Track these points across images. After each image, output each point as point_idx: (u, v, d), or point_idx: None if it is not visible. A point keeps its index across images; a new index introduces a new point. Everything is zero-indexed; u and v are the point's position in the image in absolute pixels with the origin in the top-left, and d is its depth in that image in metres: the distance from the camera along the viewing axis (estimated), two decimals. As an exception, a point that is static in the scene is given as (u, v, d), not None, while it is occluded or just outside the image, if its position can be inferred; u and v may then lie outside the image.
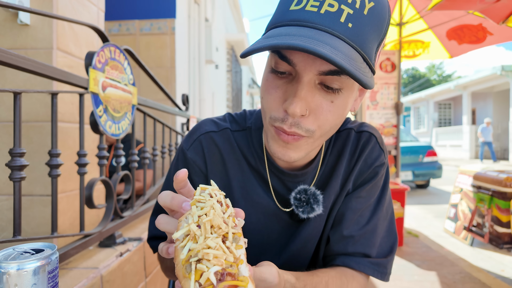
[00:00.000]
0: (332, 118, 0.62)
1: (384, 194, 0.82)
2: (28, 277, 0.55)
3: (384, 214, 0.81)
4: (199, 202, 0.49)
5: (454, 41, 4.39)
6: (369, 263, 0.77)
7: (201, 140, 0.81)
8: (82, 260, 1.26)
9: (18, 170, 0.93)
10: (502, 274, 3.06)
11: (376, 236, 0.79)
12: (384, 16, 0.58)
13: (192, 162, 0.80)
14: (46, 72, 1.02)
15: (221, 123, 0.84)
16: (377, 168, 0.80)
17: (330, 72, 0.57)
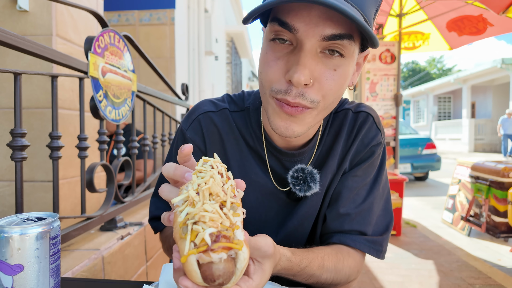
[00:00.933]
0: (336, 87, 0.61)
1: (380, 173, 0.82)
2: (31, 241, 0.56)
3: (380, 193, 0.82)
4: (200, 172, 0.50)
5: (454, 32, 4.37)
6: (365, 241, 0.78)
7: (200, 120, 0.81)
8: (84, 242, 1.28)
9: (20, 150, 0.95)
10: (498, 263, 3.10)
11: (372, 214, 0.80)
12: None
13: (191, 141, 0.81)
14: (46, 55, 1.03)
15: (220, 103, 0.84)
16: (373, 148, 0.80)
17: (333, 36, 0.56)
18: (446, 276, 2.81)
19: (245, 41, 10.25)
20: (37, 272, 0.58)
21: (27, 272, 0.57)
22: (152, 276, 1.70)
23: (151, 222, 0.87)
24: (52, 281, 0.62)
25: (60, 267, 0.64)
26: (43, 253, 0.59)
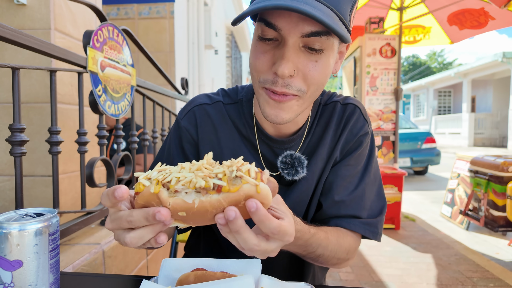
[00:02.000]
0: (319, 77, 0.68)
1: (370, 161, 0.87)
2: (30, 237, 0.57)
3: (372, 180, 0.86)
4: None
5: (455, 26, 4.34)
6: (360, 223, 0.83)
7: (194, 111, 0.87)
8: (84, 236, 1.29)
9: (19, 146, 0.95)
10: (496, 257, 3.12)
11: (365, 200, 0.84)
12: None
13: (185, 130, 0.86)
14: (44, 49, 1.03)
15: (214, 96, 0.90)
16: (361, 138, 0.85)
17: (312, 34, 0.63)
18: (444, 269, 2.83)
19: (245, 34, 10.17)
20: (36, 267, 0.58)
21: (26, 268, 0.57)
22: (152, 270, 1.72)
23: None
24: (52, 277, 0.62)
25: (59, 263, 0.64)
26: (42, 249, 0.59)
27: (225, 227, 0.49)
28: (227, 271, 0.71)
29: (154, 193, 0.47)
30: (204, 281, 0.67)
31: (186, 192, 0.48)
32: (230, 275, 0.68)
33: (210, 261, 0.73)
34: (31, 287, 0.58)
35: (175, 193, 0.48)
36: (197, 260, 0.72)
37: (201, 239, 0.97)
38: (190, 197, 0.47)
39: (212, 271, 0.71)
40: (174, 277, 0.69)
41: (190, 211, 0.48)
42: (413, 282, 2.60)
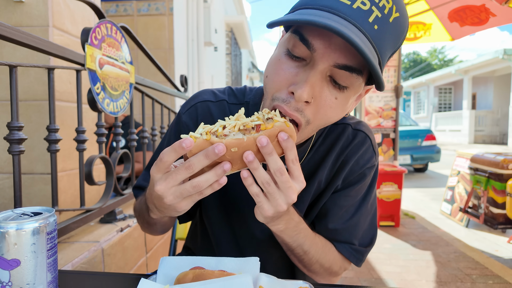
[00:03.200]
0: (331, 114, 0.65)
1: (370, 192, 0.85)
2: (27, 237, 0.56)
3: (368, 209, 0.85)
4: None
5: (456, 23, 4.32)
6: (349, 248, 0.83)
7: (197, 107, 0.85)
8: (83, 234, 1.29)
9: (17, 144, 0.94)
10: (496, 254, 3.12)
11: (358, 229, 0.83)
12: (404, 29, 0.62)
13: (184, 125, 0.85)
14: (42, 47, 1.02)
15: (220, 94, 0.87)
16: (367, 170, 0.83)
17: (345, 67, 0.59)
18: (444, 266, 2.84)
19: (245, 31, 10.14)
20: (34, 266, 0.58)
21: (24, 267, 0.57)
22: (152, 267, 1.72)
23: (135, 190, 0.91)
24: (50, 276, 0.62)
25: (57, 262, 0.64)
26: (39, 248, 0.59)
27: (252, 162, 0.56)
28: (225, 270, 0.71)
29: (207, 140, 0.56)
30: (202, 279, 0.67)
31: (233, 134, 0.57)
32: (229, 273, 0.68)
33: (209, 259, 0.73)
34: (28, 286, 0.58)
35: (224, 136, 0.57)
36: (195, 259, 0.73)
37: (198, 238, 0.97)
38: (239, 135, 0.57)
39: (210, 269, 0.71)
40: (172, 275, 0.69)
41: (241, 145, 0.56)
42: (412, 279, 2.61)
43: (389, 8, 0.57)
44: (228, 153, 0.56)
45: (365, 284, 2.50)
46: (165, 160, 0.56)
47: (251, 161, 0.55)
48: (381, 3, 0.57)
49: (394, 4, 0.58)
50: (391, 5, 0.58)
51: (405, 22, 0.61)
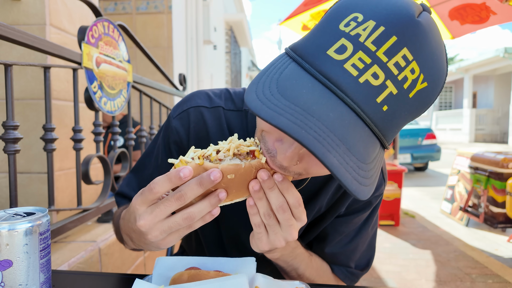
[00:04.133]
0: (322, 171, 0.56)
1: (371, 216, 0.82)
2: (20, 237, 0.56)
3: (369, 233, 0.83)
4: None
5: (456, 21, 4.29)
6: (345, 271, 0.82)
7: (189, 113, 0.77)
8: (80, 234, 1.28)
9: (12, 143, 0.94)
10: (495, 253, 3.12)
11: (356, 252, 0.82)
12: (432, 97, 0.49)
13: (174, 131, 0.77)
14: (38, 45, 1.01)
15: (216, 99, 0.79)
16: (374, 199, 0.78)
17: None
18: (443, 265, 2.83)
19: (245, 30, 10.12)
20: (26, 267, 0.58)
21: (16, 268, 0.57)
22: (150, 267, 1.72)
23: (117, 197, 0.84)
24: (43, 276, 0.61)
25: (50, 262, 0.64)
26: (32, 248, 0.59)
27: (259, 191, 0.53)
28: (221, 270, 0.71)
29: (200, 165, 0.51)
30: (197, 280, 0.66)
31: (228, 159, 0.53)
32: (224, 274, 0.68)
33: (205, 259, 0.72)
34: (21, 287, 0.58)
35: (219, 161, 0.52)
36: (191, 259, 0.72)
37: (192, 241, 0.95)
38: (235, 161, 0.52)
39: (206, 270, 0.70)
40: (167, 275, 0.69)
41: (238, 172, 0.52)
42: (412, 279, 2.61)
43: (412, 80, 0.45)
44: (224, 180, 0.52)
45: (364, 283, 2.50)
46: (156, 191, 0.50)
47: (257, 190, 0.52)
48: (401, 75, 0.44)
49: (423, 73, 0.45)
50: (417, 75, 0.45)
51: (436, 88, 0.48)
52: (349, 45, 0.44)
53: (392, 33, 0.44)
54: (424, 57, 0.45)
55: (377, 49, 0.44)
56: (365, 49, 0.44)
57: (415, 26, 0.44)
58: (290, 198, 0.54)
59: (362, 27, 0.44)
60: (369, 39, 0.44)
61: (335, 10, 0.49)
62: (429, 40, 0.46)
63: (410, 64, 0.44)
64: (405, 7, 0.45)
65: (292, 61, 0.50)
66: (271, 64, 0.52)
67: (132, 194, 0.81)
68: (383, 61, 0.44)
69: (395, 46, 0.44)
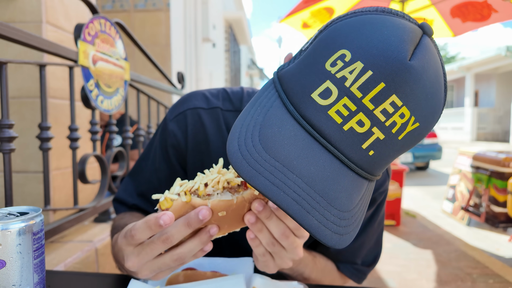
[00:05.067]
0: None
1: (377, 213, 0.80)
2: (12, 237, 0.55)
3: (375, 229, 0.81)
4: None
5: (458, 19, 4.28)
6: (351, 268, 0.81)
7: (186, 115, 0.76)
8: (77, 234, 1.27)
9: (7, 142, 0.92)
10: (497, 253, 3.10)
11: (363, 249, 0.80)
12: (425, 133, 0.47)
13: (172, 134, 0.76)
14: (34, 43, 1.00)
15: (213, 100, 0.77)
16: (378, 195, 0.77)
17: None
18: (444, 265, 2.82)
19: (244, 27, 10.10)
20: (20, 267, 0.57)
21: (10, 268, 0.56)
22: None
23: (115, 203, 0.83)
24: (36, 277, 0.61)
25: (44, 262, 0.63)
26: (25, 248, 0.58)
27: (256, 223, 0.50)
28: (218, 270, 0.70)
29: (187, 202, 0.47)
30: (194, 280, 0.65)
31: (218, 193, 0.49)
32: (221, 274, 0.67)
33: (201, 259, 0.71)
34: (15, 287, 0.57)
35: (207, 196, 0.48)
36: None
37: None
38: (226, 195, 0.49)
39: (202, 270, 0.69)
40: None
41: (230, 208, 0.49)
42: (412, 279, 2.59)
43: (402, 124, 0.43)
44: (214, 217, 0.49)
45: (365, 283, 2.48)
46: (137, 238, 0.49)
47: (255, 223, 0.50)
48: (389, 121, 0.42)
49: (414, 115, 0.43)
50: (407, 118, 0.42)
51: (429, 127, 0.46)
52: (334, 89, 0.42)
53: (380, 79, 0.40)
54: (415, 101, 0.42)
55: (363, 96, 0.41)
56: (350, 95, 0.41)
57: (406, 72, 0.41)
58: (290, 222, 0.51)
59: (349, 69, 0.41)
60: (355, 85, 0.41)
61: (324, 42, 0.46)
62: (423, 82, 0.42)
63: (400, 110, 0.42)
64: (397, 48, 0.41)
65: (277, 97, 0.48)
66: (258, 96, 0.50)
67: (129, 200, 0.79)
68: (369, 108, 0.41)
69: (382, 93, 0.41)
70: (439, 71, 0.45)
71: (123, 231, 0.54)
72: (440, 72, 0.46)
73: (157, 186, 0.78)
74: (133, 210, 0.80)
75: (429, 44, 0.45)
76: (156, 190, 0.77)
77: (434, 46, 0.46)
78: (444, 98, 0.48)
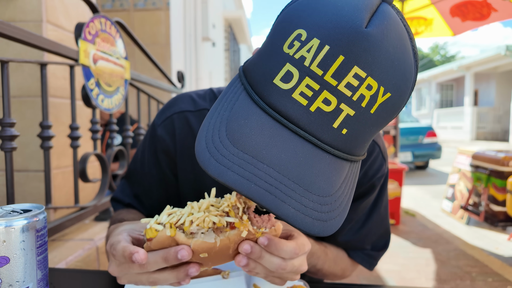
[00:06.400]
0: None
1: (380, 197, 0.79)
2: (16, 234, 0.56)
3: (382, 214, 0.80)
4: None
5: (457, 18, 4.28)
6: (361, 254, 0.80)
7: (173, 119, 0.75)
8: (78, 232, 1.28)
9: (9, 140, 0.93)
10: (496, 252, 3.11)
11: (371, 235, 0.79)
12: (401, 103, 0.45)
13: (161, 139, 0.75)
14: (34, 42, 1.00)
15: (200, 101, 0.76)
16: (377, 181, 0.75)
17: None
18: (443, 264, 2.83)
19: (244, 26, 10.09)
20: (23, 264, 0.58)
21: (13, 264, 0.57)
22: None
23: (112, 202, 0.85)
24: (40, 273, 0.61)
25: (47, 259, 0.64)
26: (29, 245, 0.59)
27: (248, 265, 0.49)
28: (219, 267, 0.70)
29: (171, 236, 0.47)
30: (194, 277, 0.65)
31: (202, 232, 0.48)
32: (222, 271, 0.67)
33: None
34: (18, 284, 0.58)
35: (191, 235, 0.47)
36: None
37: None
38: (210, 236, 0.47)
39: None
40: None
41: (212, 251, 0.47)
42: (412, 278, 2.60)
43: (371, 96, 0.41)
44: (195, 257, 0.48)
45: (364, 282, 2.49)
46: (116, 258, 0.49)
47: (246, 264, 0.49)
48: (356, 95, 0.40)
49: (382, 85, 0.41)
50: (375, 89, 0.41)
51: (403, 96, 0.44)
52: (294, 71, 0.41)
53: (338, 52, 0.39)
54: (380, 69, 0.40)
55: (324, 73, 0.39)
56: (311, 74, 0.40)
57: (363, 39, 0.39)
58: (284, 254, 0.49)
59: (306, 47, 0.40)
60: (315, 62, 0.40)
61: (280, 25, 0.45)
62: (384, 48, 0.40)
63: (365, 81, 0.40)
64: (351, 17, 0.40)
65: (243, 89, 0.47)
66: (225, 92, 0.49)
67: (125, 199, 0.81)
68: (333, 85, 0.40)
69: (343, 66, 0.39)
70: (403, 35, 0.44)
71: (111, 239, 0.54)
72: (405, 36, 0.44)
73: (148, 190, 0.80)
74: (130, 207, 0.82)
75: (388, 10, 0.43)
76: (148, 194, 0.79)
77: (396, 12, 0.45)
78: (415, 63, 0.45)
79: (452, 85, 22.08)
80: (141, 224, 0.59)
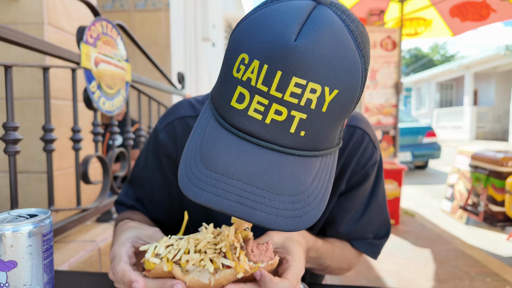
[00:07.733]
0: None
1: (377, 185, 0.81)
2: (23, 238, 0.57)
3: (380, 202, 0.82)
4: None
5: (457, 18, 4.29)
6: (365, 243, 0.82)
7: (174, 125, 0.77)
8: (80, 234, 1.29)
9: (13, 144, 0.94)
10: (494, 252, 3.13)
11: (372, 224, 0.81)
12: (354, 95, 0.48)
13: (163, 144, 0.78)
14: (37, 46, 1.01)
15: (199, 106, 0.78)
16: (370, 168, 0.77)
17: None
18: (442, 264, 2.84)
19: (245, 27, 10.04)
20: (30, 268, 0.59)
21: (21, 268, 0.58)
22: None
23: (116, 205, 0.88)
24: (46, 276, 0.62)
25: (53, 263, 0.65)
26: (35, 249, 0.60)
27: None
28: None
29: (168, 270, 0.50)
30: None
31: (199, 271, 0.51)
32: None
33: None
34: (25, 287, 0.59)
35: (187, 272, 0.51)
36: None
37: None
38: (205, 276, 0.50)
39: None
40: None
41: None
42: (411, 277, 2.62)
43: (318, 98, 0.44)
44: None
45: (363, 282, 2.50)
46: (115, 277, 0.55)
47: None
48: (303, 100, 0.43)
49: (326, 85, 0.44)
50: (320, 91, 0.44)
51: (353, 89, 0.47)
52: (245, 92, 0.45)
53: (276, 69, 0.43)
54: (319, 73, 0.43)
55: (269, 88, 0.43)
56: (259, 92, 0.44)
57: (294, 52, 0.42)
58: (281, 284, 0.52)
59: (250, 69, 0.44)
60: (259, 81, 0.44)
61: (228, 52, 0.49)
62: (318, 53, 0.43)
63: (307, 87, 0.43)
64: (281, 34, 0.43)
65: (211, 114, 0.52)
66: (199, 119, 0.54)
67: (129, 202, 0.84)
68: (279, 97, 0.43)
69: (283, 80, 0.43)
70: (340, 33, 0.46)
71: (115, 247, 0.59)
72: (343, 33, 0.46)
73: (151, 193, 0.82)
74: (133, 209, 0.85)
75: (321, 14, 0.45)
76: (151, 197, 0.82)
77: (335, 9, 0.47)
78: (360, 53, 0.47)
79: (451, 85, 22.08)
80: (146, 233, 0.62)
